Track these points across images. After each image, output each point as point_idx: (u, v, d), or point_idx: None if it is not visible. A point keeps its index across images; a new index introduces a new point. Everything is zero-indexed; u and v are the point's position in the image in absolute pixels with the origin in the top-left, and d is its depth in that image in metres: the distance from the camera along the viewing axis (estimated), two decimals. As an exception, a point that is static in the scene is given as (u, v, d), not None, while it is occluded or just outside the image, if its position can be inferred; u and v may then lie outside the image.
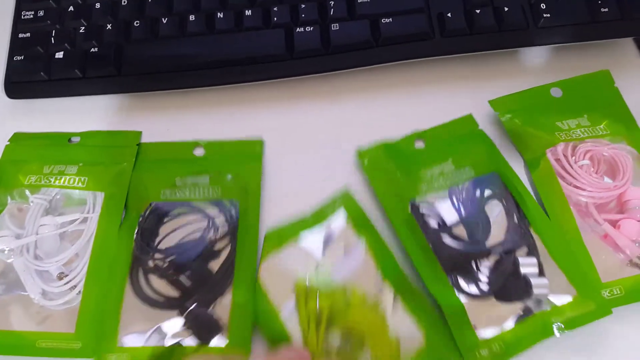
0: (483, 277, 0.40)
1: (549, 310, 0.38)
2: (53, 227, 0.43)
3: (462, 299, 0.39)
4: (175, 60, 0.48)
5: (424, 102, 0.49)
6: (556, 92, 0.48)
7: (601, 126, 0.46)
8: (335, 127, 0.48)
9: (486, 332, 0.38)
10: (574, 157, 0.44)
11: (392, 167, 0.45)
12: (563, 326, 0.38)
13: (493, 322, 0.38)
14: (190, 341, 0.38)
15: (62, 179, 0.45)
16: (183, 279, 0.41)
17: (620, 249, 0.41)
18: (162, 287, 0.40)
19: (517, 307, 0.39)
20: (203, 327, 0.39)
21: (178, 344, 0.38)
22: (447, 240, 0.41)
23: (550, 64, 0.50)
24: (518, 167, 0.45)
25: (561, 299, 0.39)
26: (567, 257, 0.40)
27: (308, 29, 0.48)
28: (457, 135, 0.46)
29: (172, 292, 0.40)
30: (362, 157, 0.46)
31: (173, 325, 0.39)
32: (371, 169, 0.45)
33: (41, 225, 0.43)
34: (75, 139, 0.48)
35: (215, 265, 0.41)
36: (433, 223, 0.42)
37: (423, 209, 0.43)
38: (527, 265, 0.40)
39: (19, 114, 0.50)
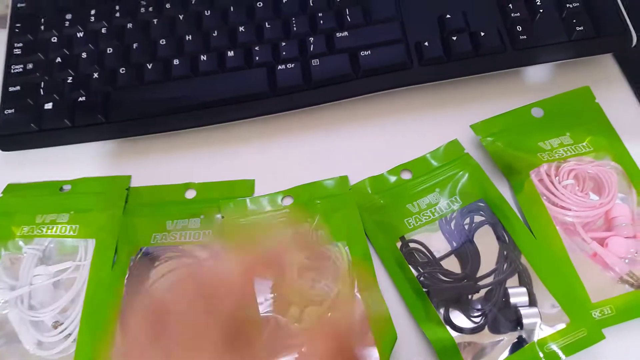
0: (474, 310, 0.40)
1: (541, 339, 0.38)
2: (46, 277, 0.43)
3: (453, 334, 0.39)
4: (162, 104, 0.49)
5: (408, 129, 0.49)
6: (537, 112, 0.48)
7: (584, 143, 0.46)
8: (322, 159, 0.49)
9: None
10: (557, 177, 0.44)
11: (379, 202, 0.45)
12: (557, 354, 0.38)
13: (486, 355, 0.38)
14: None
15: (54, 228, 0.46)
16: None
17: (610, 267, 0.41)
18: (155, 331, 0.41)
19: (510, 339, 0.39)
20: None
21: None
22: (437, 275, 0.42)
23: (531, 84, 0.51)
24: (504, 190, 0.46)
25: (554, 328, 0.39)
26: (559, 283, 0.40)
27: (289, 65, 0.49)
28: (443, 162, 0.47)
29: (165, 336, 0.41)
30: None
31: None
32: (360, 205, 0.45)
33: (35, 276, 0.43)
34: (67, 187, 0.49)
35: (207, 305, 0.41)
36: (423, 258, 0.42)
37: (412, 245, 0.43)
38: (518, 295, 0.40)
39: (11, 165, 0.52)
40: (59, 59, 0.52)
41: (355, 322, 0.38)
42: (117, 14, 0.53)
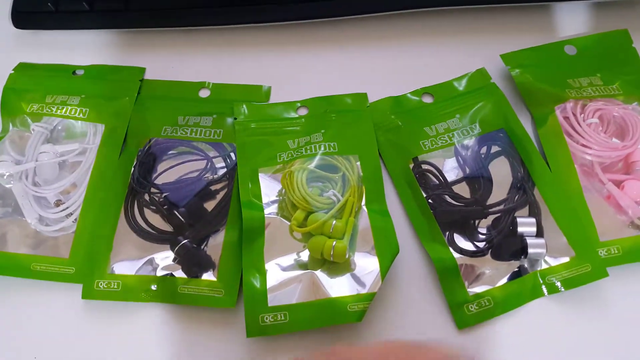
0: (480, 235, 0.40)
1: (544, 269, 0.38)
2: (52, 155, 0.43)
3: (456, 255, 0.39)
4: (184, -2, 0.48)
5: (435, 53, 0.48)
6: (570, 50, 0.47)
7: (614, 86, 0.45)
8: (341, 76, 0.48)
9: (476, 288, 0.38)
10: (582, 115, 0.43)
11: (397, 122, 0.45)
12: (558, 286, 0.38)
13: (485, 279, 0.39)
14: (181, 273, 0.39)
15: (64, 109, 0.45)
16: (177, 215, 0.41)
17: (623, 210, 0.40)
18: (156, 221, 0.41)
19: (512, 266, 0.39)
20: (195, 262, 0.39)
21: (170, 275, 0.39)
22: (446, 198, 0.41)
23: (569, 22, 0.49)
24: (525, 123, 0.45)
25: (558, 260, 0.39)
26: (570, 219, 0.40)
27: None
28: (467, 89, 0.46)
29: (166, 227, 0.41)
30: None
31: (165, 258, 0.40)
32: (376, 123, 0.45)
33: (41, 153, 0.44)
34: (80, 72, 0.48)
35: (210, 204, 0.41)
36: (433, 180, 0.42)
37: (424, 166, 0.43)
38: (526, 225, 0.40)
39: (24, 45, 0.51)
40: (82, -60, 0.50)
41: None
42: None
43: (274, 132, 0.45)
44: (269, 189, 0.42)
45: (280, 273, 0.38)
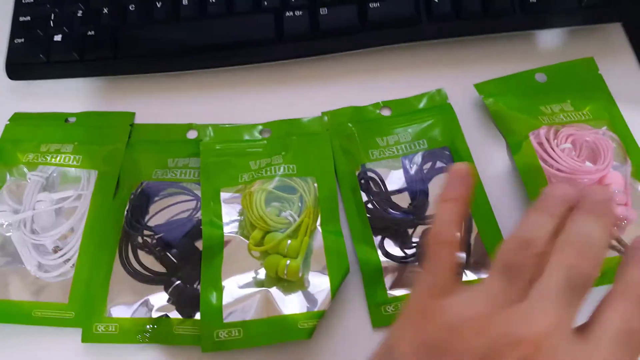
0: (408, 244, 0.43)
1: (464, 282, 0.41)
2: (49, 203, 0.46)
3: (382, 258, 0.42)
4: (169, 44, 0.51)
5: (410, 86, 0.51)
6: (541, 77, 0.49)
7: (584, 111, 0.47)
8: (323, 109, 0.50)
9: (396, 292, 0.41)
10: (556, 141, 0.45)
11: (353, 130, 0.48)
12: None
13: (407, 284, 0.41)
14: (176, 314, 0.41)
15: (58, 157, 0.48)
16: (170, 255, 0.43)
17: None
18: (150, 262, 0.43)
19: None
20: (188, 302, 0.41)
21: (165, 316, 0.41)
22: (384, 205, 0.44)
23: (538, 50, 0.52)
24: (501, 150, 0.47)
25: (477, 275, 0.41)
26: (495, 239, 0.42)
27: (297, 13, 0.50)
28: (423, 106, 0.49)
29: (159, 268, 0.43)
30: (326, 115, 0.49)
31: (159, 299, 0.42)
32: (332, 128, 0.48)
33: (38, 201, 0.46)
34: (72, 119, 0.51)
35: (201, 243, 0.43)
36: (375, 188, 0.45)
37: (370, 173, 0.46)
38: None
39: (19, 95, 0.53)
40: (69, -8, 0.53)
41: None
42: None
43: (236, 153, 0.47)
44: (230, 208, 0.45)
45: (237, 290, 0.41)
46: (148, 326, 0.41)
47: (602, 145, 0.45)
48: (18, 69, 0.52)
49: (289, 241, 0.42)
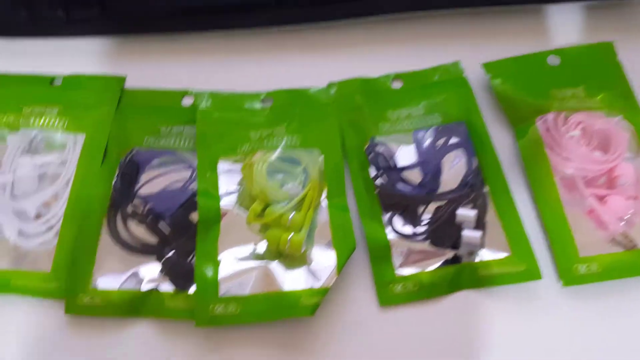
0: (418, 221, 0.42)
1: (477, 263, 0.40)
2: (31, 168, 0.43)
3: (390, 235, 0.41)
4: (164, 3, 0.49)
5: (420, 58, 0.49)
6: (553, 60, 0.48)
7: (597, 99, 0.46)
8: (329, 80, 0.48)
9: (405, 270, 0.40)
10: (564, 127, 0.45)
11: (361, 102, 0.47)
12: (487, 280, 0.39)
13: (416, 263, 0.40)
14: (167, 287, 0.39)
15: (42, 120, 0.45)
16: (162, 227, 0.41)
17: (604, 226, 0.41)
18: (140, 233, 0.41)
19: (445, 254, 0.40)
20: (181, 275, 0.39)
21: (155, 290, 0.39)
22: (394, 181, 0.43)
23: (556, 28, 0.51)
24: (506, 135, 0.46)
25: (493, 256, 0.40)
26: (512, 218, 0.41)
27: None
28: (438, 80, 0.48)
29: (150, 239, 0.41)
30: (333, 87, 0.48)
31: (150, 271, 0.40)
32: (339, 101, 0.47)
33: (19, 165, 0.43)
34: (58, 82, 0.48)
35: (196, 216, 0.42)
36: (384, 162, 0.44)
37: (379, 148, 0.45)
38: (465, 217, 0.41)
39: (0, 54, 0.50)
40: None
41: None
42: None
43: (236, 122, 0.46)
44: (227, 179, 0.43)
45: (234, 264, 0.39)
46: (137, 299, 0.39)
47: (615, 135, 0.44)
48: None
49: (292, 214, 0.40)
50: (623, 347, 0.38)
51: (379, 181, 0.43)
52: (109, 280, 0.39)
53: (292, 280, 0.39)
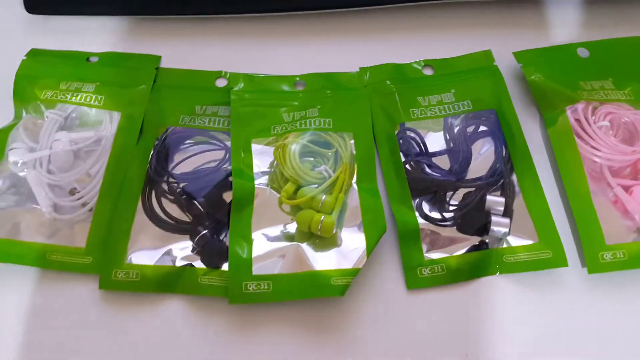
0: (447, 206, 0.42)
1: (504, 248, 0.40)
2: (67, 143, 0.43)
3: (420, 220, 0.41)
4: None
5: (451, 46, 0.49)
6: (583, 53, 0.48)
7: (626, 91, 0.46)
8: (360, 64, 0.48)
9: (433, 254, 0.40)
10: (593, 117, 0.44)
11: (392, 88, 0.47)
12: (513, 266, 0.39)
13: (444, 247, 0.40)
14: (201, 264, 0.39)
15: (79, 96, 0.45)
16: (196, 205, 0.41)
17: (630, 215, 0.41)
18: (175, 211, 0.41)
19: (473, 240, 0.40)
20: (215, 253, 0.40)
21: (190, 265, 0.39)
22: (424, 166, 0.43)
23: (582, 19, 0.51)
24: (534, 122, 0.46)
25: (520, 242, 0.40)
26: (540, 206, 0.41)
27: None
28: (469, 67, 0.48)
29: (184, 217, 0.41)
30: (364, 72, 0.48)
31: (184, 248, 0.40)
32: (370, 85, 0.47)
33: (55, 140, 0.43)
34: (94, 59, 0.48)
35: (229, 195, 0.42)
36: (415, 148, 0.44)
37: (409, 133, 0.45)
38: (494, 203, 0.41)
39: (37, 31, 0.51)
40: None
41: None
42: None
43: (269, 104, 0.46)
44: (260, 160, 0.43)
45: (267, 243, 0.39)
46: (172, 274, 0.39)
47: (642, 128, 0.44)
48: (37, 2, 0.49)
49: (324, 196, 0.40)
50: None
51: (408, 166, 0.43)
52: (143, 256, 0.40)
53: (323, 260, 0.39)
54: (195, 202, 0.41)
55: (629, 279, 0.40)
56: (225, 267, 0.39)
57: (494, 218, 0.40)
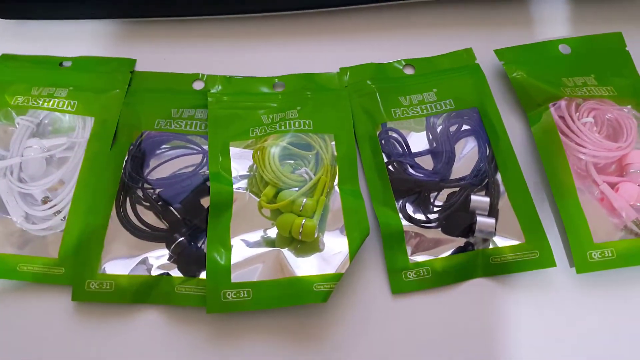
0: (431, 207, 0.40)
1: (490, 249, 0.38)
2: (39, 150, 0.41)
3: (404, 222, 0.39)
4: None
5: (431, 45, 0.48)
6: (565, 49, 0.47)
7: (608, 87, 0.44)
8: (340, 65, 0.47)
9: (418, 257, 0.38)
10: (577, 114, 0.43)
11: (373, 88, 0.45)
12: (500, 267, 0.38)
13: (429, 249, 0.38)
14: (177, 273, 0.37)
15: (51, 102, 0.43)
16: (172, 211, 0.39)
17: (616, 213, 0.40)
18: (150, 218, 0.39)
19: (459, 241, 0.39)
20: (192, 261, 0.37)
21: (166, 274, 0.37)
22: (406, 167, 0.41)
23: (563, 16, 0.50)
24: (518, 120, 0.45)
25: (506, 242, 0.38)
26: (526, 205, 0.40)
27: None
28: (450, 66, 0.46)
29: (160, 224, 0.39)
30: (345, 72, 0.46)
31: (160, 257, 0.38)
32: (351, 86, 0.45)
33: (27, 148, 0.41)
34: (67, 63, 0.46)
35: (207, 201, 0.39)
36: (397, 148, 0.42)
37: (391, 133, 0.43)
38: (479, 203, 0.39)
39: (8, 36, 0.48)
40: None
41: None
42: None
43: (248, 106, 0.44)
44: (239, 163, 0.41)
45: (246, 249, 0.37)
46: (148, 284, 0.37)
47: (626, 123, 0.42)
48: (9, 7, 0.47)
49: (305, 199, 0.38)
50: (637, 335, 0.37)
51: (391, 167, 0.41)
52: (117, 266, 0.37)
53: (305, 266, 0.36)
54: (171, 208, 0.39)
55: (618, 277, 0.38)
56: (203, 275, 0.37)
57: (479, 219, 0.39)
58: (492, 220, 0.39)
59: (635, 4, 0.50)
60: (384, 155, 0.42)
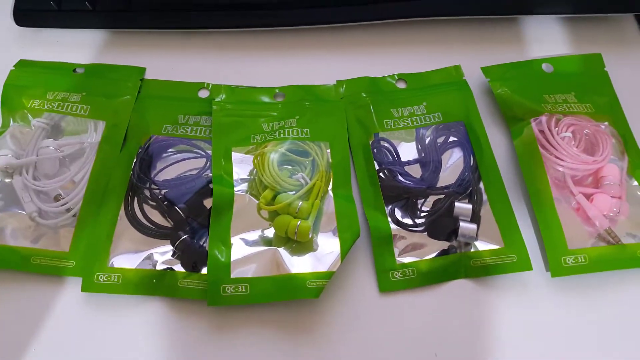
0: (418, 212, 0.41)
1: (471, 252, 0.40)
2: (53, 150, 0.42)
3: (392, 226, 0.41)
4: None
5: (423, 61, 0.49)
6: (547, 68, 0.48)
7: (587, 104, 0.46)
8: (337, 78, 0.48)
9: (405, 258, 0.40)
10: (557, 129, 0.44)
11: (367, 100, 0.46)
12: (480, 269, 0.39)
13: (415, 251, 0.40)
14: (181, 268, 0.38)
15: (65, 106, 0.44)
16: (177, 211, 0.40)
17: (591, 222, 0.41)
18: (156, 216, 0.40)
19: (441, 244, 0.40)
20: (195, 257, 0.39)
21: (170, 269, 0.38)
22: (396, 174, 0.43)
23: (548, 36, 0.51)
24: (501, 133, 0.46)
25: (486, 246, 0.40)
26: (505, 212, 0.41)
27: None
28: (440, 82, 0.48)
29: (165, 223, 0.40)
30: (341, 84, 0.47)
31: (164, 253, 0.39)
32: (347, 98, 0.47)
33: (41, 148, 0.42)
34: (80, 70, 0.47)
35: (210, 202, 0.41)
36: (388, 157, 0.44)
37: (382, 143, 0.44)
38: (462, 210, 0.41)
39: (26, 43, 0.50)
40: (85, -59, 0.49)
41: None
42: None
43: (249, 114, 0.45)
44: (240, 167, 0.42)
45: (245, 248, 0.39)
46: (153, 277, 0.38)
47: (602, 138, 0.44)
48: (26, 15, 0.48)
49: (300, 203, 0.40)
50: (607, 335, 0.38)
51: (382, 174, 0.43)
52: (125, 260, 0.39)
53: (299, 264, 0.38)
54: (176, 207, 0.41)
55: (590, 282, 0.40)
56: (204, 270, 0.38)
57: (462, 224, 0.40)
58: (473, 226, 0.40)
59: (613, 28, 0.51)
60: (375, 163, 0.43)
